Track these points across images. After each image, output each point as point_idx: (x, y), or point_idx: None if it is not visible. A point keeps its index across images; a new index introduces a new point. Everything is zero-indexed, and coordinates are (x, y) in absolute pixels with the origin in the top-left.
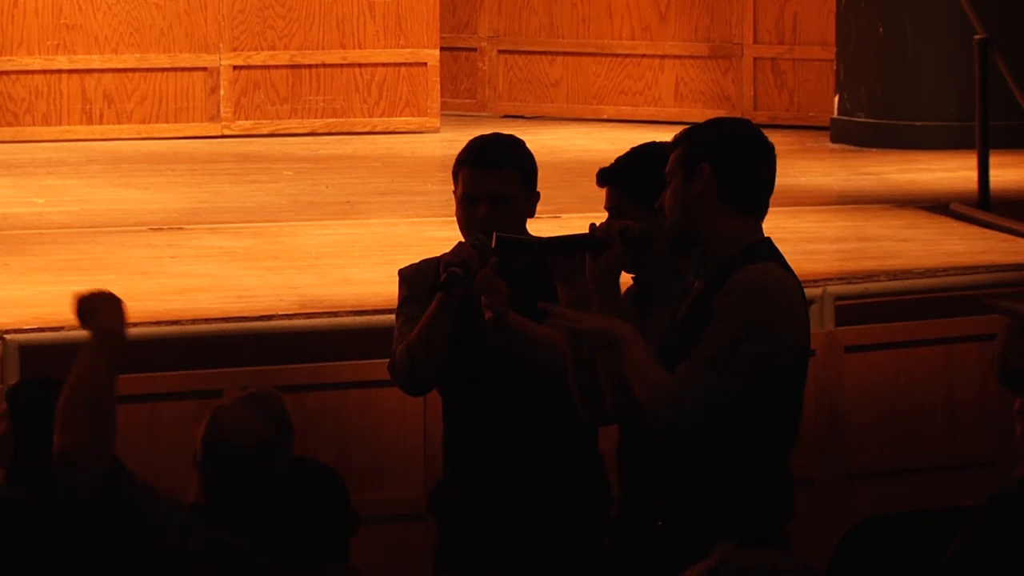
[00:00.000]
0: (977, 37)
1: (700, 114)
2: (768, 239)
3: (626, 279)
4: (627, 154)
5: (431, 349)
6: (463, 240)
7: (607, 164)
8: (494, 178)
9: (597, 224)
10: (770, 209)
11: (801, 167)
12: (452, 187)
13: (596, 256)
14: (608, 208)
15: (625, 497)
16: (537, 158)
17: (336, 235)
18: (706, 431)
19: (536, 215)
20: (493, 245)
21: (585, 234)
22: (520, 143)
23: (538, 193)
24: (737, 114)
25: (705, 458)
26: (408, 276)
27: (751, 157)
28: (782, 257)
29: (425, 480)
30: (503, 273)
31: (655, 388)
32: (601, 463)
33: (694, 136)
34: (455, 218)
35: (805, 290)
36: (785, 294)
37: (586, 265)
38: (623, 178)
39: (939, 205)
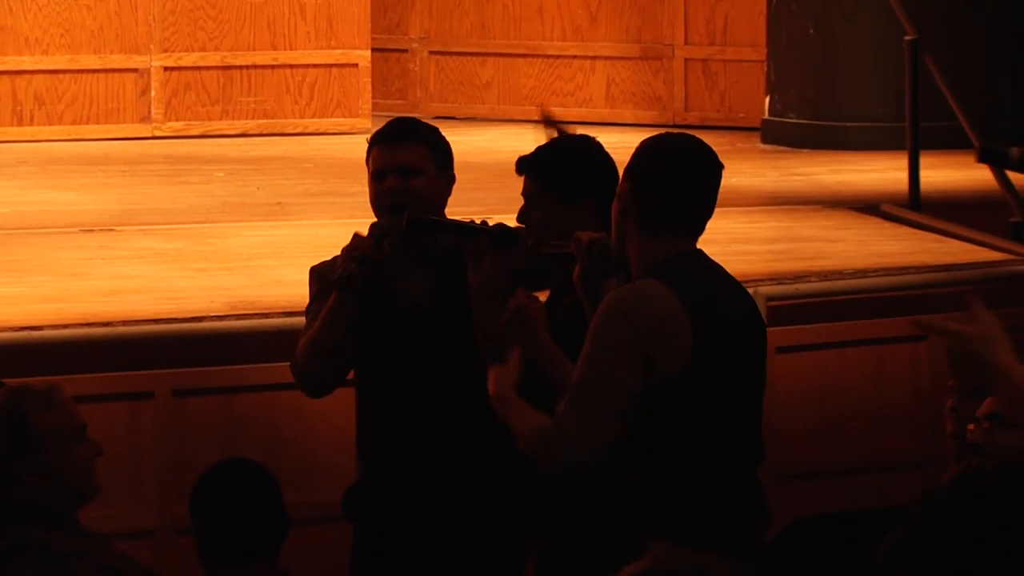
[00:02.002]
0: (907, 38)
1: (631, 115)
2: (688, 254)
3: None
4: (547, 144)
5: (330, 347)
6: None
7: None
8: (402, 152)
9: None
10: None
11: (732, 168)
12: None
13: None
14: (524, 195)
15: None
16: (468, 159)
17: (267, 236)
18: (600, 458)
19: (469, 217)
20: (403, 224)
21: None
22: (433, 127)
23: (453, 176)
24: (668, 116)
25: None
26: (318, 272)
27: (669, 176)
28: (694, 273)
29: None
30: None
31: (536, 431)
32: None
33: (632, 156)
34: (370, 203)
35: None
36: (649, 311)
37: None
38: (539, 168)
39: (870, 206)
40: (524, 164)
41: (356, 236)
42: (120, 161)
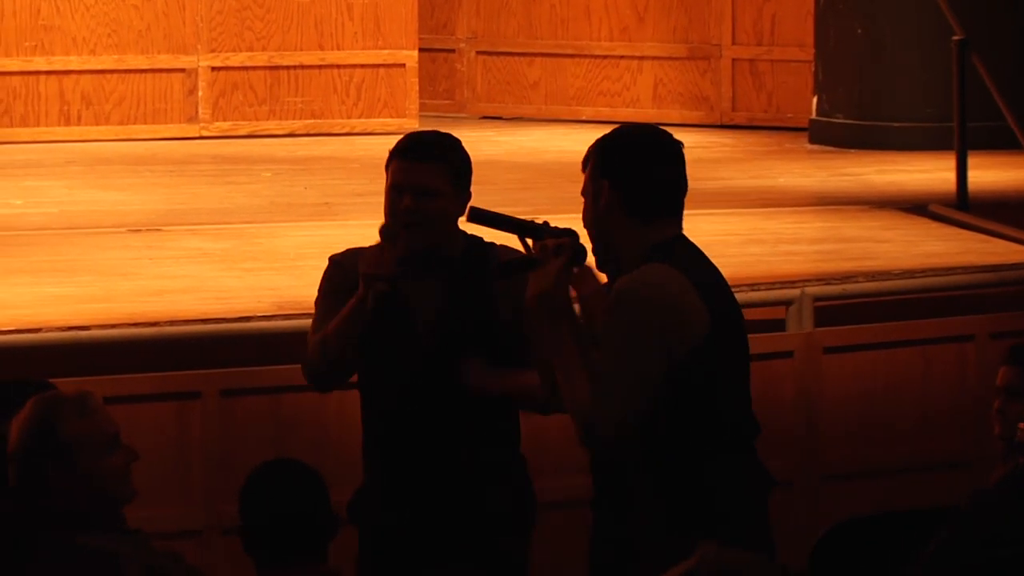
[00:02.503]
0: (955, 38)
1: (678, 115)
2: (678, 237)
3: None
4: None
5: (341, 349)
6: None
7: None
8: (421, 172)
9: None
10: (748, 210)
11: (779, 168)
12: None
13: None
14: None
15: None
16: (515, 159)
17: (314, 236)
18: (631, 440)
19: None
20: (467, 216)
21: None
22: (455, 141)
23: (470, 194)
24: (715, 116)
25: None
26: (337, 261)
27: (645, 163)
28: (690, 254)
29: None
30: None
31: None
32: (523, 461)
33: (595, 154)
34: (384, 212)
35: (783, 291)
36: (663, 295)
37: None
38: None
39: (917, 206)
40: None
41: (379, 252)
42: (167, 161)
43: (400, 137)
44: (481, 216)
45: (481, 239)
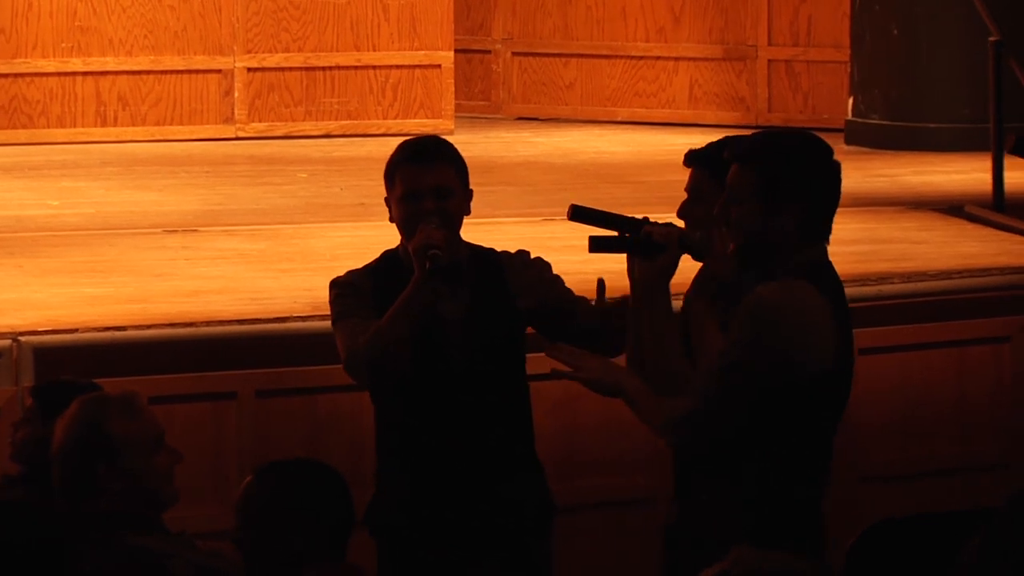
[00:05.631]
0: (991, 39)
1: (714, 116)
2: (827, 262)
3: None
4: (719, 142)
5: (404, 336)
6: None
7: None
8: (434, 173)
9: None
10: None
11: None
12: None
13: (648, 258)
14: (688, 190)
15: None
16: (551, 160)
17: (350, 237)
18: (722, 446)
19: (551, 217)
20: (568, 215)
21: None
22: (450, 143)
23: (471, 191)
24: (751, 117)
25: (724, 475)
26: (348, 281)
27: (834, 192)
28: (835, 284)
29: None
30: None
31: (664, 415)
32: (538, 463)
33: (777, 164)
34: (395, 222)
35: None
36: (800, 314)
37: (633, 267)
38: (714, 162)
39: (953, 207)
40: (694, 157)
41: (425, 228)
42: (203, 162)
43: (398, 145)
44: (582, 213)
45: (469, 243)
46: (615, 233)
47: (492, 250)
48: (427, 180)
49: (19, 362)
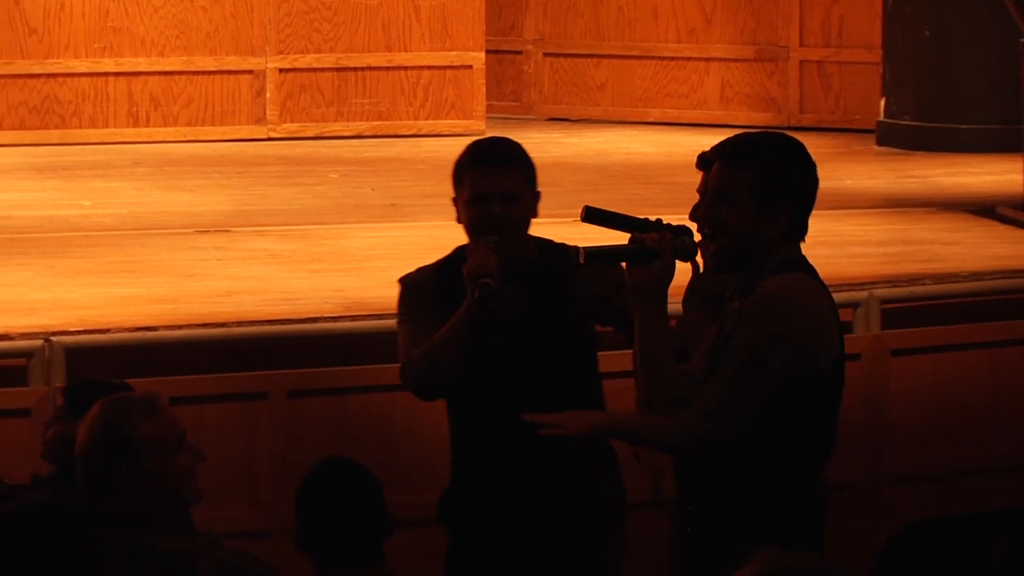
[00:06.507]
0: (1022, 40)
1: (746, 117)
2: (803, 257)
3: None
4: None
5: (455, 356)
6: (472, 243)
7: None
8: (503, 178)
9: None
10: (815, 212)
11: (847, 170)
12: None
13: (643, 265)
14: (700, 192)
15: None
16: (582, 161)
17: (381, 237)
18: (740, 444)
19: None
20: (582, 215)
21: (636, 245)
22: (519, 144)
23: (539, 193)
24: (783, 117)
25: (738, 472)
26: (412, 283)
27: (814, 192)
28: (815, 273)
29: None
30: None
31: (679, 432)
32: (613, 456)
33: (771, 165)
34: (461, 223)
35: (851, 293)
36: (808, 304)
37: (628, 275)
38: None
39: (985, 208)
40: (706, 161)
41: (478, 251)
42: (235, 163)
43: (468, 145)
44: (595, 215)
45: (548, 240)
46: (619, 239)
47: (563, 245)
48: (496, 184)
49: (51, 362)
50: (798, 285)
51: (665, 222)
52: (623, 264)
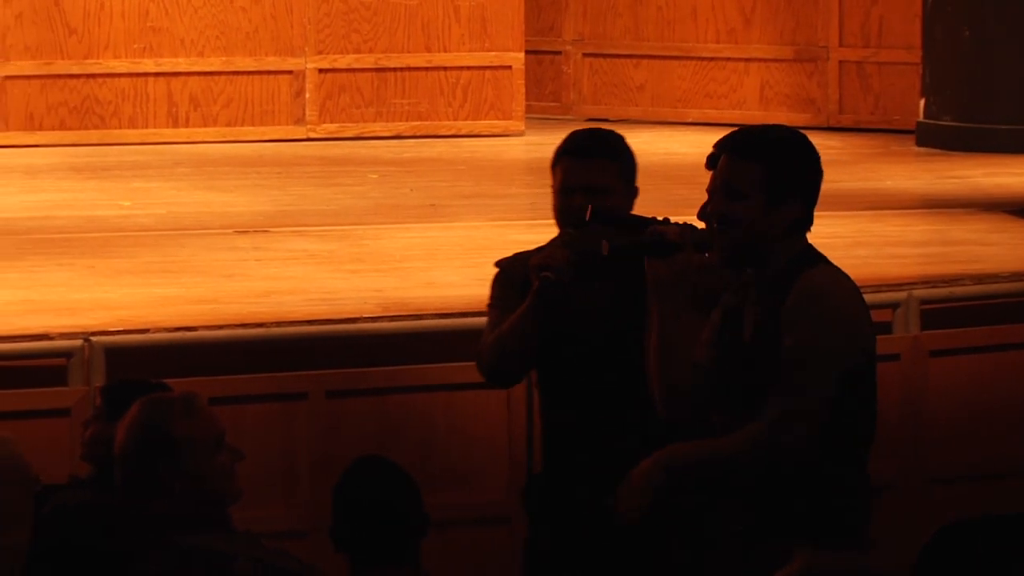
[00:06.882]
0: None
1: (785, 117)
2: (812, 246)
3: None
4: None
5: (520, 345)
6: (557, 236)
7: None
8: (591, 170)
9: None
10: (854, 213)
11: (886, 171)
12: (537, 190)
13: (663, 257)
14: (709, 191)
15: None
16: None
17: (420, 238)
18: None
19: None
20: (587, 218)
21: (657, 237)
22: (620, 137)
23: (637, 189)
24: (822, 118)
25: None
26: (505, 269)
27: (820, 183)
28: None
29: (509, 483)
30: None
31: (754, 447)
32: None
33: (783, 158)
34: (552, 213)
35: (890, 294)
36: (851, 296)
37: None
38: None
39: None
40: (714, 159)
41: (550, 246)
42: (274, 163)
43: (566, 136)
44: (600, 214)
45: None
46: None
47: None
48: (583, 177)
49: (90, 362)
50: (835, 278)
51: (672, 220)
52: (644, 257)
